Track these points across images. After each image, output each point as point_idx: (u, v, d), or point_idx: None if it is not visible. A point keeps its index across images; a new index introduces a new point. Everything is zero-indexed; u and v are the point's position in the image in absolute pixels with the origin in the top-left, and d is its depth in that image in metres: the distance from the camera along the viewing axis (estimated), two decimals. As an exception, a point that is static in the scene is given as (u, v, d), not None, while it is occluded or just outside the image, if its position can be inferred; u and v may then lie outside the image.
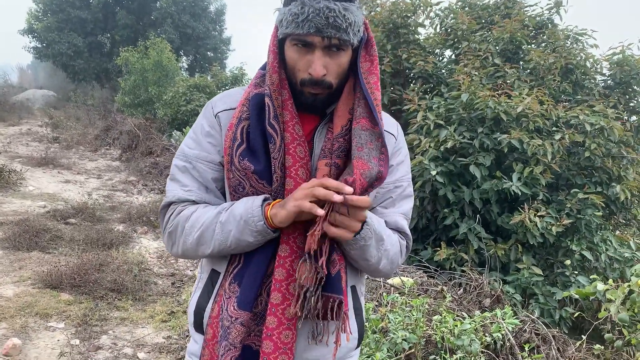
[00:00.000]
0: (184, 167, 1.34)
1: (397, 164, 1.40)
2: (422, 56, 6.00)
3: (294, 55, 1.23)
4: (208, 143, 1.33)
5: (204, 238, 1.25)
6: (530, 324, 3.41)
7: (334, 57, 1.22)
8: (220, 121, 1.34)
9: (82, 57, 23.06)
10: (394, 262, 1.35)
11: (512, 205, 5.09)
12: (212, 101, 1.41)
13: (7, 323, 3.63)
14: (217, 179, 1.34)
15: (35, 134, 13.46)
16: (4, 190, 7.39)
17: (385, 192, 1.38)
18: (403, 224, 1.39)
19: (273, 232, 1.19)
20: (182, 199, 1.32)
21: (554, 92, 5.68)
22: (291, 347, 1.22)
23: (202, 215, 1.27)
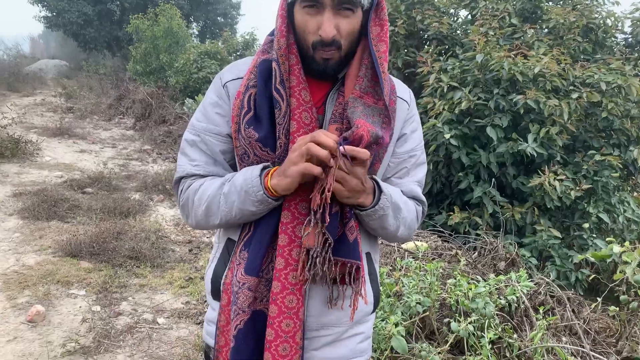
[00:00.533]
0: (192, 141, 1.35)
1: (411, 132, 1.40)
2: (436, 17, 5.87)
3: (303, 18, 1.21)
4: (216, 114, 1.34)
5: (211, 210, 1.28)
6: (545, 287, 3.41)
7: (344, 17, 1.20)
8: (228, 91, 1.34)
9: (92, 25, 22.93)
10: (411, 227, 1.37)
11: (528, 168, 5.03)
12: (221, 72, 1.40)
13: (30, 291, 3.72)
14: (226, 151, 1.35)
15: (50, 104, 13.53)
16: (22, 160, 7.48)
17: (399, 162, 1.38)
18: (418, 191, 1.41)
19: (275, 200, 1.20)
20: (190, 173, 1.34)
21: (573, 52, 5.53)
22: (297, 311, 1.23)
23: (207, 187, 1.29)
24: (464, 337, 2.62)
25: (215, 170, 1.35)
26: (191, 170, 1.34)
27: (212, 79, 12.97)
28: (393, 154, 1.37)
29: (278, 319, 1.22)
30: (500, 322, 2.88)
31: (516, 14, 5.75)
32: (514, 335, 2.76)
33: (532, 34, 5.38)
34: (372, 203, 1.23)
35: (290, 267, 1.22)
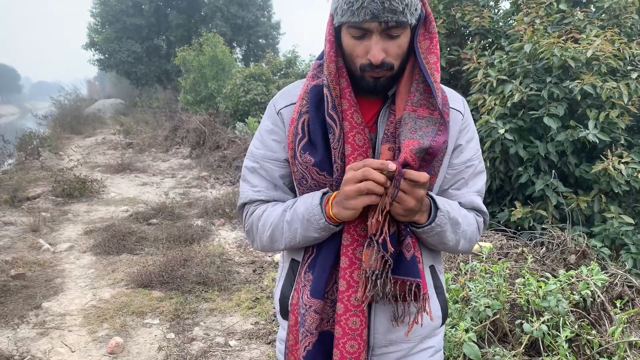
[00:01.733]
0: (252, 168, 1.39)
1: (467, 142, 1.38)
2: (476, 12, 5.77)
3: (351, 42, 1.22)
4: (272, 141, 1.36)
5: (275, 236, 1.31)
6: (621, 277, 3.26)
7: (392, 39, 1.20)
8: (282, 117, 1.36)
9: (142, 62, 23.95)
10: (472, 240, 1.35)
11: (590, 154, 4.83)
12: (274, 99, 1.43)
13: (108, 323, 3.88)
14: (284, 176, 1.37)
15: (110, 142, 14.16)
16: (90, 199, 7.85)
17: (456, 173, 1.37)
18: (478, 202, 1.39)
19: (336, 226, 1.22)
20: (253, 199, 1.38)
21: (630, 31, 5.29)
22: (360, 333, 1.24)
23: (270, 214, 1.33)
24: (539, 337, 2.54)
25: (276, 194, 1.38)
26: (253, 196, 1.38)
27: (259, 100, 13.29)
28: (449, 166, 1.35)
29: (342, 340, 1.24)
30: (577, 319, 2.77)
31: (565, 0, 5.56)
32: (593, 332, 2.64)
33: (583, 17, 5.19)
34: (428, 221, 1.23)
35: (352, 289, 1.24)
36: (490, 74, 4.89)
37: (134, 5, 23.57)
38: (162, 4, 24.05)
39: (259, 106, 13.24)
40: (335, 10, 1.23)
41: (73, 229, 6.32)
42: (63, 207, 7.34)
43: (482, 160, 1.42)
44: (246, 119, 12.17)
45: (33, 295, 4.36)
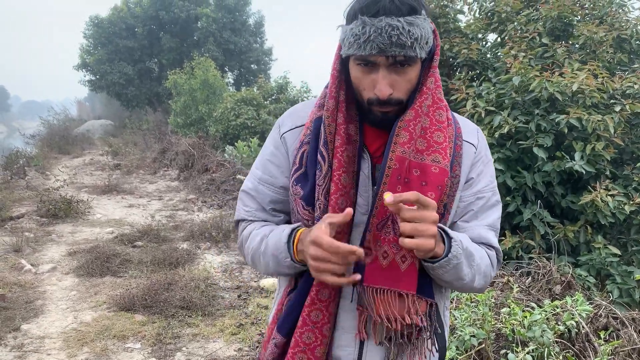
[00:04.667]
0: (248, 188, 1.39)
1: (478, 175, 1.33)
2: (464, 44, 5.88)
3: (358, 74, 1.18)
4: (272, 165, 1.35)
5: (255, 261, 1.33)
6: (606, 308, 3.26)
7: (400, 73, 1.16)
8: (285, 142, 1.34)
9: (133, 84, 23.99)
10: (487, 275, 1.29)
11: (575, 185, 4.89)
12: (281, 119, 1.40)
13: (88, 347, 3.80)
14: (276, 201, 1.36)
15: (98, 163, 14.08)
16: (75, 220, 7.76)
17: (465, 205, 1.31)
18: (488, 236, 1.31)
19: (303, 266, 1.19)
20: (244, 218, 1.40)
21: (609, 65, 5.42)
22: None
23: (253, 238, 1.33)
24: (524, 368, 2.52)
25: (264, 216, 1.37)
26: (244, 215, 1.39)
27: (249, 124, 13.35)
28: (460, 199, 1.30)
29: None
30: (561, 350, 2.77)
31: (547, 34, 5.70)
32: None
33: (562, 52, 5.31)
34: (445, 251, 1.16)
35: (306, 327, 1.23)
36: (478, 104, 4.96)
37: (127, 27, 23.71)
38: (155, 27, 24.22)
39: (249, 130, 13.28)
40: (342, 41, 1.19)
41: (56, 249, 6.23)
42: (47, 228, 7.25)
43: (497, 193, 1.35)
44: (236, 143, 12.19)
45: (12, 317, 4.27)
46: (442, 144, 1.22)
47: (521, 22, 5.83)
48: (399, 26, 1.09)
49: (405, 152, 1.19)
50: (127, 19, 23.66)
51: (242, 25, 24.66)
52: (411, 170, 1.20)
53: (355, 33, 1.12)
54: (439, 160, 1.21)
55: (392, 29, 1.09)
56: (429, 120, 1.23)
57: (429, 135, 1.23)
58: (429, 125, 1.23)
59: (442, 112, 1.26)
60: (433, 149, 1.22)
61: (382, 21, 1.10)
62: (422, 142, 1.22)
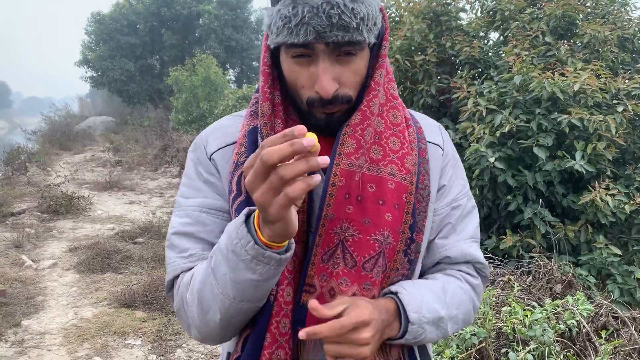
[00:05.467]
0: (182, 226, 1.03)
1: (449, 180, 1.13)
2: (466, 42, 5.86)
3: (292, 69, 0.95)
4: (210, 188, 1.06)
5: (205, 301, 0.91)
6: (607, 308, 3.26)
7: (346, 64, 0.93)
8: (216, 164, 1.06)
9: (134, 81, 24.00)
10: (466, 320, 1.11)
11: (576, 185, 4.89)
12: (202, 137, 1.11)
13: (89, 343, 3.81)
14: None
15: (99, 160, 14.09)
16: (76, 216, 7.77)
17: (441, 219, 1.11)
18: (472, 251, 1.12)
19: (279, 253, 0.82)
20: (184, 269, 1.01)
21: (612, 64, 5.41)
22: None
23: (197, 272, 0.95)
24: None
25: None
26: (185, 264, 1.01)
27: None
28: (434, 212, 1.10)
29: None
30: (562, 349, 2.77)
31: (550, 33, 5.68)
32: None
33: (565, 51, 5.30)
34: (399, 333, 0.98)
35: None
36: (480, 103, 4.95)
37: (129, 24, 23.72)
38: (157, 24, 24.22)
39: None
40: (269, 28, 0.95)
41: (57, 245, 6.24)
42: (48, 224, 7.26)
43: (471, 197, 1.16)
44: (237, 140, 12.19)
45: (13, 312, 4.28)
46: (398, 152, 1.02)
47: (524, 20, 5.82)
48: (339, 3, 0.87)
49: (353, 164, 0.97)
50: (129, 15, 23.67)
51: (243, 22, 24.66)
52: (365, 185, 0.98)
53: (285, 15, 0.90)
54: (395, 172, 1.01)
55: (331, 7, 0.87)
56: (383, 123, 1.03)
57: (384, 141, 1.02)
58: (383, 128, 1.03)
59: (397, 112, 1.06)
60: (389, 158, 1.01)
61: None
62: (378, 150, 1.01)
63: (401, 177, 1.01)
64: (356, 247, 0.97)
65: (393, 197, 0.99)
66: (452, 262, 1.12)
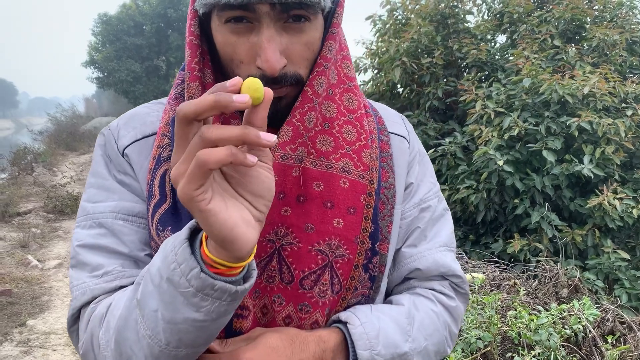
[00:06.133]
0: (92, 236, 0.82)
1: (417, 177, 0.96)
2: (473, 44, 5.85)
3: (227, 40, 0.75)
4: (124, 189, 0.85)
5: (126, 344, 0.68)
6: (614, 313, 3.24)
7: (295, 33, 0.74)
8: (130, 160, 0.85)
9: (140, 81, 24.11)
10: (439, 352, 0.91)
11: (583, 188, 4.86)
12: (112, 128, 0.90)
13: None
14: (149, 243, 0.83)
15: (105, 160, 14.13)
16: (81, 216, 7.80)
17: (408, 222, 0.93)
18: (447, 261, 0.93)
19: (231, 283, 0.61)
20: (97, 293, 0.78)
21: (620, 68, 5.39)
22: None
23: (116, 302, 0.74)
24: (531, 372, 2.51)
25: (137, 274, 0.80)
26: (98, 286, 0.78)
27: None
28: (401, 216, 0.93)
29: None
30: (568, 354, 2.74)
31: (559, 36, 5.66)
32: (585, 368, 2.62)
33: (574, 54, 5.28)
34: None
35: None
36: (488, 105, 4.93)
37: (135, 25, 23.83)
38: (163, 25, 24.32)
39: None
40: None
41: (63, 246, 6.26)
42: (54, 224, 7.28)
43: (442, 198, 0.99)
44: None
45: (18, 312, 4.29)
46: (353, 143, 0.84)
47: (533, 23, 5.80)
48: None
49: (288, 156, 0.79)
50: (136, 16, 23.78)
51: (250, 24, 24.74)
52: (309, 183, 0.80)
53: None
54: (349, 169, 0.83)
55: None
56: (335, 108, 0.84)
57: (336, 130, 0.83)
58: (336, 114, 0.84)
59: (352, 96, 0.87)
60: (342, 151, 0.83)
61: None
62: (328, 140, 0.82)
63: (358, 175, 0.83)
64: (294, 258, 0.79)
65: (347, 199, 0.81)
66: (423, 277, 0.93)
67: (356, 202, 0.82)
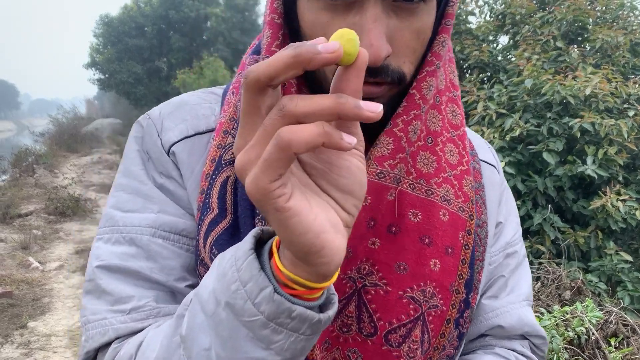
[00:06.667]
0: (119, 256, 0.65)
1: (505, 216, 0.82)
2: (475, 45, 5.84)
3: (319, 19, 0.59)
4: (167, 197, 0.68)
5: None
6: (617, 315, 3.22)
7: (406, 17, 0.58)
8: (177, 161, 0.69)
9: (142, 83, 24.11)
10: None
11: (586, 190, 4.84)
12: (154, 117, 0.73)
13: (94, 346, 3.81)
14: (193, 268, 0.67)
15: (106, 162, 14.13)
16: (82, 218, 7.78)
17: (492, 269, 0.78)
18: (531, 319, 0.80)
19: (312, 309, 0.47)
20: (122, 333, 0.62)
21: (623, 69, 5.37)
22: None
23: (150, 342, 0.57)
24: (535, 375, 2.49)
25: (170, 309, 0.64)
26: (124, 325, 0.62)
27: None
28: (488, 261, 0.79)
29: None
30: (571, 357, 2.73)
31: (561, 37, 5.65)
32: (589, 371, 2.60)
33: (577, 56, 5.27)
34: None
35: None
36: (489, 106, 4.92)
37: (137, 26, 23.85)
38: (165, 26, 24.33)
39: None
40: None
41: (64, 247, 6.25)
42: (55, 226, 7.28)
43: (522, 240, 0.85)
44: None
45: (19, 314, 4.28)
46: (455, 167, 0.70)
47: (535, 24, 5.78)
48: None
49: (386, 174, 0.64)
50: (137, 18, 23.80)
51: (251, 25, 24.72)
52: (405, 211, 0.65)
53: None
54: (450, 198, 0.68)
55: None
56: (440, 120, 0.69)
57: (440, 148, 0.69)
58: (440, 128, 0.69)
59: (456, 108, 0.73)
60: (444, 175, 0.68)
61: None
62: (430, 159, 0.68)
63: (458, 207, 0.68)
64: (380, 304, 0.63)
65: (445, 236, 0.67)
66: (504, 335, 0.78)
67: (455, 240, 0.67)
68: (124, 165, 0.72)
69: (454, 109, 0.72)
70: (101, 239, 0.67)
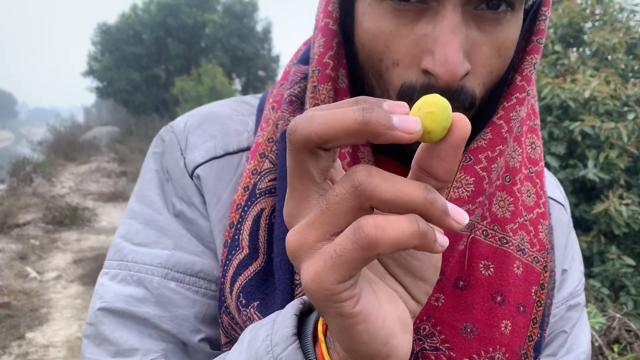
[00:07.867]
0: (126, 299, 0.57)
1: (571, 261, 0.70)
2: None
3: (382, 28, 0.49)
4: (181, 229, 0.60)
5: None
6: (620, 321, 3.20)
7: (489, 27, 0.49)
8: (202, 186, 0.59)
9: (140, 91, 24.15)
10: None
11: (588, 194, 4.82)
12: (176, 129, 0.64)
13: (92, 357, 3.76)
14: (208, 319, 0.59)
15: (104, 170, 14.09)
16: (80, 227, 7.74)
17: (553, 322, 0.67)
18: None
19: None
20: None
21: (622, 72, 5.36)
22: None
23: None
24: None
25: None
26: None
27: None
28: None
29: None
30: (578, 364, 2.70)
31: (559, 41, 5.64)
32: (596, 378, 2.57)
33: (576, 59, 5.25)
34: None
35: None
36: (488, 111, 4.92)
37: (135, 34, 23.88)
38: (163, 33, 24.37)
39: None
40: None
41: (62, 257, 6.21)
42: (53, 235, 7.23)
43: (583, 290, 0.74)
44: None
45: (17, 325, 4.24)
46: (532, 210, 0.60)
47: (532, 28, 5.78)
48: None
49: None
50: (135, 25, 23.85)
51: (249, 32, 24.78)
52: (477, 262, 0.56)
53: None
54: (525, 247, 0.58)
55: None
56: (520, 154, 0.59)
57: (517, 187, 0.59)
58: (519, 165, 0.59)
59: (535, 139, 0.63)
60: (520, 220, 0.58)
61: None
62: (507, 201, 0.58)
63: (532, 257, 0.58)
64: None
65: (518, 292, 0.57)
66: None
67: (527, 296, 0.57)
68: (139, 187, 0.64)
69: (533, 141, 0.62)
70: (107, 274, 0.60)
